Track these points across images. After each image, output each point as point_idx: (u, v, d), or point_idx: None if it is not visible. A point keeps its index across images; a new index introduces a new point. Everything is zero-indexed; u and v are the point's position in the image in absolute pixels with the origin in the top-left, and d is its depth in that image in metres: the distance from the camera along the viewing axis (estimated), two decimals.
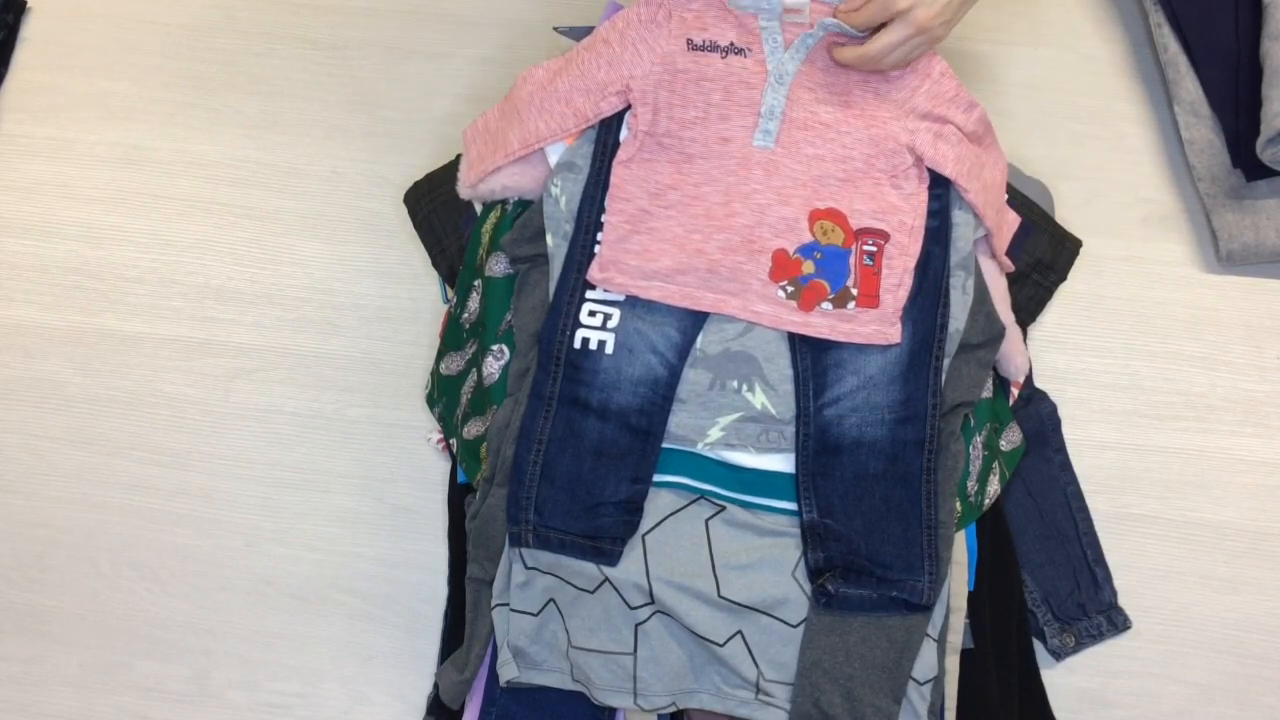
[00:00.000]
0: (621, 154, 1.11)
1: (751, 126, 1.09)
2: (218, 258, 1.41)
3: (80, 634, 1.28)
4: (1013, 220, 1.19)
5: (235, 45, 1.50)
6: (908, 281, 1.08)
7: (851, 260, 1.08)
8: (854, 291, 1.08)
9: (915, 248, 1.09)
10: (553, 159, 1.15)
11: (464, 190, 1.19)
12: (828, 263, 1.08)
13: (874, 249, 1.08)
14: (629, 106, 1.13)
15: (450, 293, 1.27)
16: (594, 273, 1.09)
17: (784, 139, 1.09)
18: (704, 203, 1.09)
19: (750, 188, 1.09)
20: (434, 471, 1.32)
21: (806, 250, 1.08)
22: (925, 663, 1.04)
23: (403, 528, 1.30)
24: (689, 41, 1.11)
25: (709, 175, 1.09)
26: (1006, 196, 1.19)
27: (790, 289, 1.08)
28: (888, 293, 1.08)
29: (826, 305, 1.07)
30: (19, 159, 1.46)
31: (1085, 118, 1.43)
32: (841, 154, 1.09)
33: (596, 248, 1.10)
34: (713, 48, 1.10)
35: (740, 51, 1.10)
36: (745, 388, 1.07)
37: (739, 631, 1.02)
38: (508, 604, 1.06)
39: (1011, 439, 1.20)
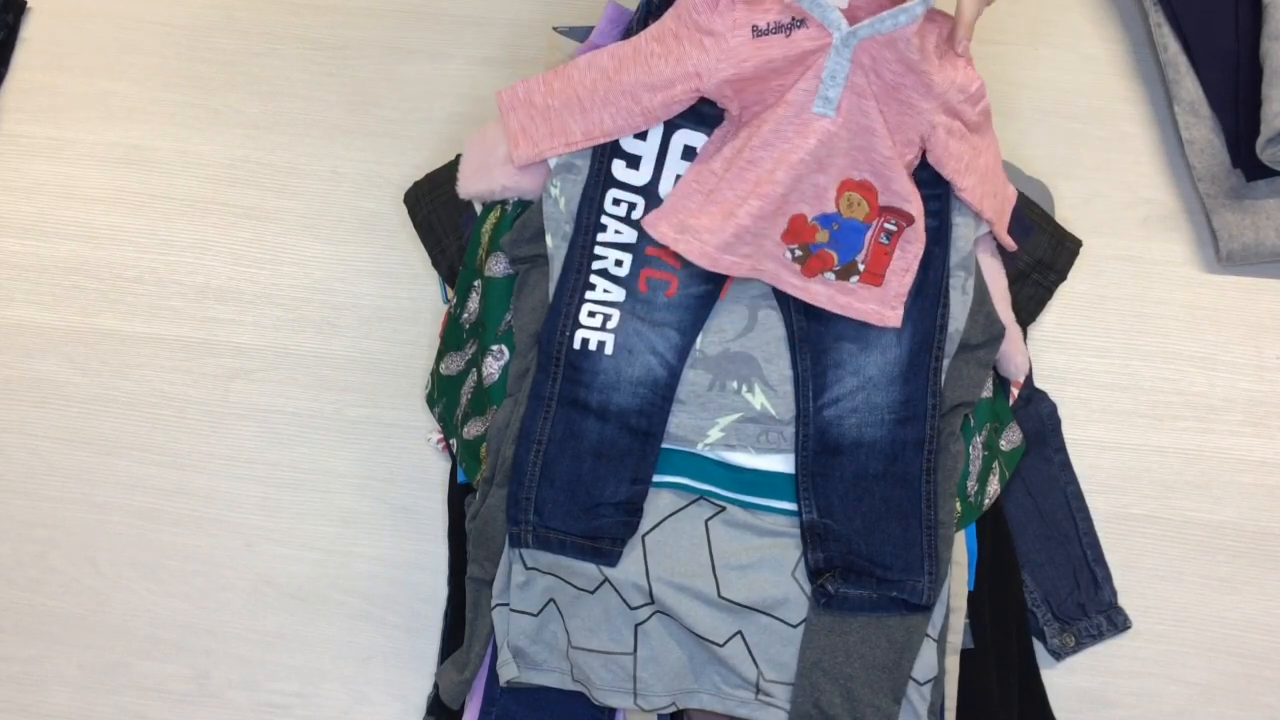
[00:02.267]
0: (716, 135, 1.11)
1: (813, 91, 1.06)
2: (218, 258, 1.41)
3: (80, 634, 1.28)
4: (1011, 194, 1.17)
5: (235, 45, 1.50)
6: (915, 268, 1.08)
7: (868, 235, 1.08)
8: (861, 267, 1.07)
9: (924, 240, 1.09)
10: (552, 160, 1.15)
11: (465, 189, 1.19)
12: (842, 235, 1.08)
13: (894, 229, 1.08)
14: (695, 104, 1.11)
15: (450, 293, 1.27)
16: (648, 218, 1.09)
17: (843, 106, 1.06)
18: (757, 168, 1.07)
19: (798, 156, 1.06)
20: (434, 471, 1.32)
21: (825, 220, 1.08)
22: (925, 663, 1.04)
23: (403, 528, 1.30)
24: (754, 28, 1.07)
25: (768, 140, 1.07)
26: (1011, 190, 1.19)
27: (798, 253, 1.07)
28: (894, 275, 1.07)
29: (829, 275, 1.07)
30: (19, 159, 1.46)
31: (1085, 118, 1.43)
32: (884, 130, 1.07)
33: (596, 248, 1.10)
34: (778, 28, 1.07)
35: (802, 23, 1.06)
36: (745, 388, 1.07)
37: (739, 631, 1.02)
38: (508, 604, 1.06)
39: (1011, 439, 1.20)
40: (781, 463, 1.07)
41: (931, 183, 1.11)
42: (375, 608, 1.28)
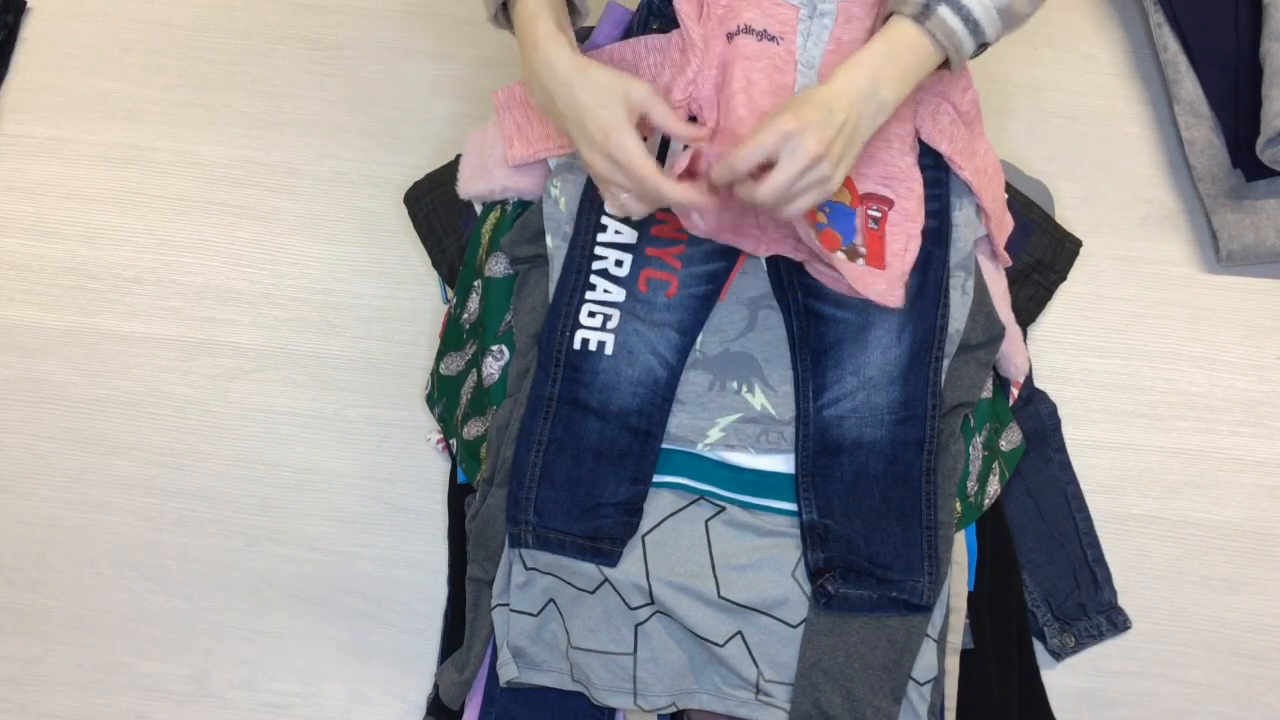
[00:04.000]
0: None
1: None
2: (217, 258, 1.41)
3: (80, 634, 1.28)
4: (1009, 223, 1.18)
5: (235, 45, 1.50)
6: (914, 247, 1.08)
7: (857, 221, 1.08)
8: (862, 250, 1.07)
9: (921, 215, 1.08)
10: (552, 160, 1.15)
11: (465, 189, 1.19)
12: (837, 218, 1.07)
13: (878, 215, 1.08)
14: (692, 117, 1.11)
15: (450, 293, 1.27)
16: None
17: None
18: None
19: None
20: (434, 471, 1.32)
21: None
22: (925, 663, 1.04)
23: (403, 528, 1.30)
24: (728, 34, 1.10)
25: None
26: (1006, 197, 1.19)
27: (810, 234, 1.07)
28: (894, 257, 1.07)
29: (840, 255, 1.07)
30: (19, 159, 1.46)
31: (1085, 118, 1.43)
32: None
33: (596, 249, 1.10)
34: (748, 31, 1.09)
35: (773, 39, 1.09)
36: (745, 388, 1.07)
37: (739, 632, 1.02)
38: (508, 604, 1.06)
39: (1011, 439, 1.20)
40: (781, 463, 1.07)
41: (932, 183, 1.11)
42: (375, 608, 1.28)
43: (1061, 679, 1.24)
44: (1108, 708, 1.24)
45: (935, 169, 1.11)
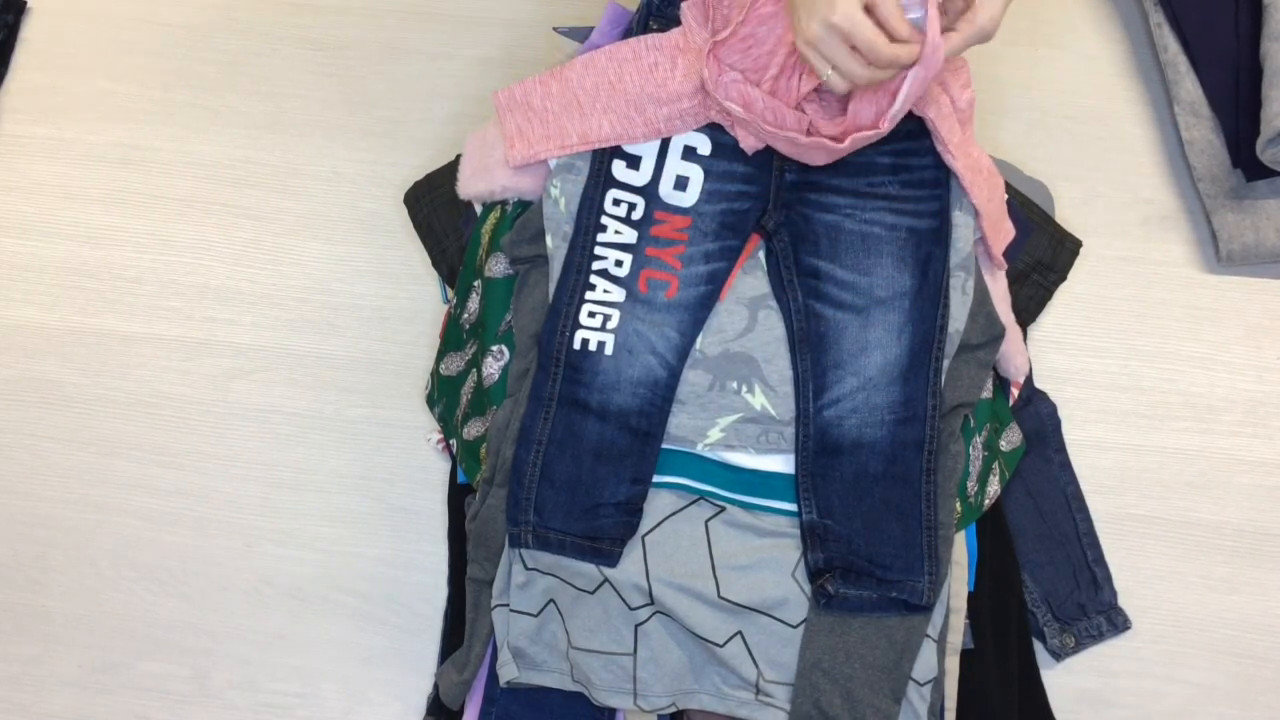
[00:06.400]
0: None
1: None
2: (217, 258, 1.41)
3: (80, 634, 1.28)
4: (1009, 230, 1.17)
5: (235, 45, 1.50)
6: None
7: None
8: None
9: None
10: (552, 160, 1.15)
11: (465, 189, 1.19)
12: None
13: None
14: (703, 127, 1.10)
15: (450, 293, 1.27)
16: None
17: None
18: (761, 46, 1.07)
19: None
20: (434, 472, 1.32)
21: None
22: (925, 663, 1.04)
23: (403, 528, 1.30)
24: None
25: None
26: (1006, 198, 1.19)
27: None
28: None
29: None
30: (19, 159, 1.46)
31: (1085, 118, 1.43)
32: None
33: (596, 249, 1.10)
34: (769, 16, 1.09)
35: None
36: (745, 389, 1.07)
37: (739, 632, 1.02)
38: (508, 604, 1.06)
39: (1011, 439, 1.20)
40: (781, 463, 1.07)
41: (932, 183, 1.11)
42: (375, 608, 1.28)
43: (1061, 679, 1.24)
44: (1108, 708, 1.24)
45: (936, 168, 1.11)
